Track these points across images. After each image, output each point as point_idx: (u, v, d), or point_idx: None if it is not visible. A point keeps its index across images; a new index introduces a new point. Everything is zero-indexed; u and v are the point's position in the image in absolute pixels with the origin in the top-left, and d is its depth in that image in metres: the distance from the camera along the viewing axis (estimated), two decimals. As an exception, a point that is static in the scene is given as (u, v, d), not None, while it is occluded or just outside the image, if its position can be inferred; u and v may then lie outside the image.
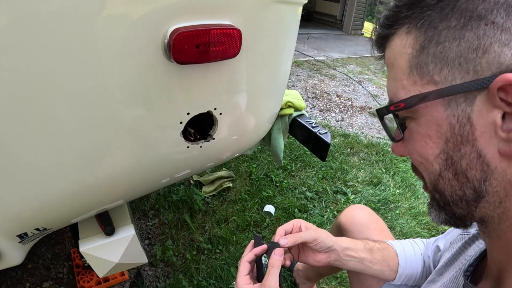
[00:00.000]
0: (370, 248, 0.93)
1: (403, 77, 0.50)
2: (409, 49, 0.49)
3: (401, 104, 0.50)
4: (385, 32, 0.53)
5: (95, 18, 0.62)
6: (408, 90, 0.50)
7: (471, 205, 0.50)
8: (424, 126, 0.50)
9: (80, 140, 0.73)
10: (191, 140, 0.92)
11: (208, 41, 0.71)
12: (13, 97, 0.61)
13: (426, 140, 0.51)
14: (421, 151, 0.52)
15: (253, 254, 0.81)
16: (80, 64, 0.64)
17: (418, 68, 0.48)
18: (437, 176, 0.52)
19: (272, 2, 0.84)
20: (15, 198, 0.76)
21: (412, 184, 2.85)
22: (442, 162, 0.50)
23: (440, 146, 0.49)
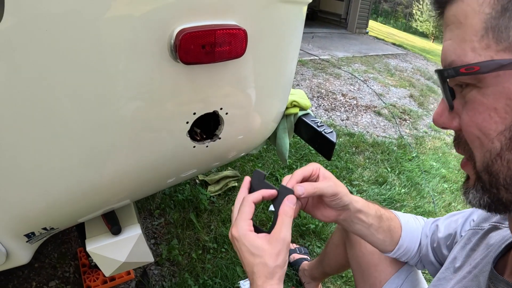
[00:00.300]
0: (380, 216, 0.88)
1: (474, 38, 0.44)
2: (487, 8, 0.42)
3: (476, 68, 0.44)
4: None
5: (101, 20, 0.62)
6: (479, 54, 0.43)
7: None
8: (491, 97, 0.44)
9: (87, 141, 0.74)
10: (198, 140, 0.92)
11: (214, 42, 0.71)
12: (21, 98, 0.62)
13: (491, 113, 0.45)
14: (483, 125, 0.46)
15: (261, 196, 0.72)
16: (88, 65, 0.65)
17: (496, 31, 0.42)
18: (495, 155, 0.46)
19: (277, 2, 0.85)
20: (23, 198, 0.77)
21: (417, 183, 2.85)
22: (505, 141, 0.44)
23: (506, 123, 0.44)
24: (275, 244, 0.66)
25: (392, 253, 0.94)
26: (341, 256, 1.33)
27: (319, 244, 2.00)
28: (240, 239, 0.67)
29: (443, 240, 0.93)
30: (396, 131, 3.86)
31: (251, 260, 0.66)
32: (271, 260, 0.65)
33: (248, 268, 0.67)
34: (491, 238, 0.72)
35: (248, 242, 0.66)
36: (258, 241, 0.66)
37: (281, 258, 0.66)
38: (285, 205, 0.70)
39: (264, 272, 0.65)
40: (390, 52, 8.71)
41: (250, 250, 0.66)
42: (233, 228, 0.69)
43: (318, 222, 2.10)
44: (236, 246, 0.69)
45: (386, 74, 6.27)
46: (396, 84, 5.70)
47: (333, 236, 1.39)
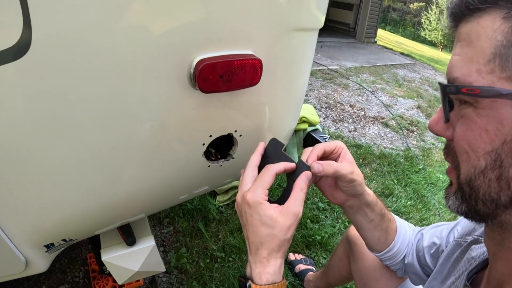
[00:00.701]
0: (383, 215, 0.88)
1: (481, 61, 0.46)
2: (500, 36, 0.44)
3: (476, 91, 0.46)
4: (475, 6, 0.47)
5: (126, 50, 0.66)
6: (482, 77, 0.46)
7: (499, 208, 0.49)
8: (485, 119, 0.47)
9: (107, 160, 0.78)
10: (212, 160, 0.96)
11: (231, 71, 0.74)
12: (46, 118, 0.66)
13: (482, 133, 0.47)
14: (473, 142, 0.49)
15: (284, 168, 0.71)
16: (112, 91, 0.69)
17: (503, 59, 0.44)
18: (479, 172, 0.49)
19: (291, 31, 0.88)
20: (46, 212, 0.80)
21: (423, 195, 2.85)
22: (490, 161, 0.47)
23: (494, 145, 0.46)
24: (288, 217, 0.65)
25: (380, 254, 0.94)
26: (344, 268, 1.35)
27: (325, 255, 2.02)
28: (254, 206, 0.65)
29: (427, 249, 0.94)
30: (403, 142, 3.86)
31: (262, 229, 0.65)
32: (282, 233, 0.64)
33: (255, 238, 0.65)
34: (473, 250, 0.73)
35: (262, 211, 0.64)
36: (271, 212, 0.65)
37: (290, 232, 0.65)
38: (301, 180, 0.69)
39: (272, 244, 0.64)
40: (398, 62, 8.70)
41: (263, 219, 0.64)
42: (249, 193, 0.66)
43: (324, 233, 2.12)
44: (246, 212, 0.67)
45: (394, 84, 6.26)
46: (404, 95, 5.69)
47: (338, 249, 1.41)
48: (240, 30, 0.78)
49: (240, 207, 0.69)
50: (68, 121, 0.68)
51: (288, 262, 1.93)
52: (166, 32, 0.69)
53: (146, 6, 0.64)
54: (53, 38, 0.59)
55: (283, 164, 0.71)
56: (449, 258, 0.81)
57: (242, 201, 0.68)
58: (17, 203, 0.76)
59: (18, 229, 0.81)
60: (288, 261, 1.93)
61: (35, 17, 0.56)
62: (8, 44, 0.57)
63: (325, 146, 0.77)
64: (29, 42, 0.57)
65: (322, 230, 2.17)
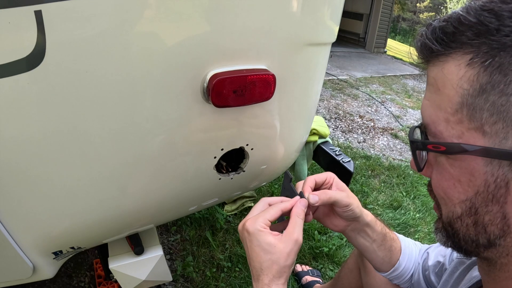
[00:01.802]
0: (384, 234, 0.89)
1: (449, 110, 0.45)
2: (466, 85, 0.42)
3: (442, 148, 0.46)
4: (438, 49, 0.45)
5: (142, 63, 0.67)
6: (451, 127, 0.45)
7: (480, 247, 0.50)
8: (457, 170, 0.47)
9: (119, 172, 0.78)
10: (223, 173, 0.96)
11: (244, 86, 0.74)
12: (59, 130, 0.67)
13: (455, 183, 0.48)
14: (447, 191, 0.50)
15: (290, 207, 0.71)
16: (125, 103, 0.70)
17: (470, 109, 0.42)
18: (456, 217, 0.50)
19: (304, 46, 0.88)
20: (56, 220, 0.81)
21: (432, 208, 2.82)
22: (465, 208, 0.48)
23: (468, 195, 0.47)
24: (288, 243, 0.65)
25: (387, 273, 0.95)
26: (354, 281, 1.33)
27: (332, 267, 2.01)
28: (253, 233, 0.66)
29: (432, 268, 0.94)
30: (412, 154, 3.83)
31: (262, 255, 0.65)
32: (282, 259, 0.64)
33: (256, 264, 0.65)
34: (475, 270, 0.74)
35: (261, 237, 0.65)
36: (270, 238, 0.65)
37: (291, 258, 0.65)
38: (297, 207, 0.70)
39: (273, 270, 0.64)
40: (408, 72, 8.69)
41: (262, 246, 0.65)
42: (249, 221, 0.68)
43: (331, 245, 2.11)
44: (246, 239, 0.67)
45: (403, 95, 6.25)
46: (413, 106, 5.68)
47: (348, 261, 1.40)
48: (254, 45, 0.78)
49: (241, 234, 0.70)
50: (80, 133, 0.69)
51: (295, 273, 1.92)
52: (181, 46, 0.69)
53: (161, 21, 0.65)
54: (67, 49, 0.60)
55: (289, 202, 0.72)
56: (452, 275, 0.81)
57: (242, 227, 0.69)
58: (27, 211, 0.76)
59: (27, 236, 0.81)
60: (295, 272, 1.92)
61: (49, 28, 0.57)
62: (22, 55, 0.57)
63: (315, 178, 0.79)
64: (43, 53, 0.58)
65: (329, 242, 2.15)
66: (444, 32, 0.45)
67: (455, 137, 0.45)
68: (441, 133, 0.47)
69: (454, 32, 0.43)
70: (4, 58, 0.57)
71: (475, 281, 0.71)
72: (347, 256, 2.05)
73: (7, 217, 0.75)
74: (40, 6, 0.55)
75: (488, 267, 0.55)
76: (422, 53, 0.49)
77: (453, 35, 0.44)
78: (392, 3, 11.79)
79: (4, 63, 0.57)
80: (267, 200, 0.75)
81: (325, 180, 0.80)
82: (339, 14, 1.03)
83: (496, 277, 0.54)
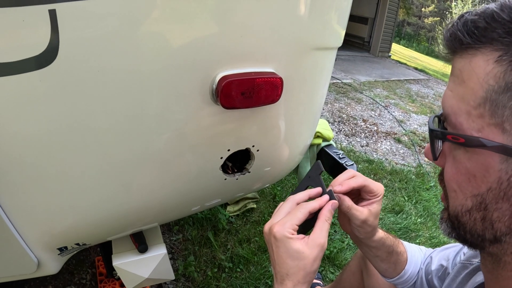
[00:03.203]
0: (391, 252, 0.89)
1: (472, 102, 0.45)
2: (492, 81, 0.42)
3: (461, 139, 0.46)
4: (468, 41, 0.45)
5: (153, 62, 0.68)
6: (472, 120, 0.45)
7: (486, 242, 0.51)
8: (473, 164, 0.47)
9: (126, 171, 0.79)
10: (229, 173, 0.97)
11: (252, 89, 0.75)
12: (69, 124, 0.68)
13: (470, 178, 0.48)
14: (462, 184, 0.50)
15: (319, 206, 0.69)
16: (135, 103, 0.71)
17: (493, 105, 0.43)
18: (465, 210, 0.51)
19: (312, 49, 0.89)
20: (62, 216, 0.82)
21: (434, 213, 2.82)
22: (475, 203, 0.49)
23: (480, 190, 0.47)
24: (314, 249, 0.64)
25: (390, 280, 0.95)
26: (356, 284, 1.33)
27: (332, 270, 2.01)
28: (280, 240, 0.64)
29: (435, 272, 0.94)
30: (415, 159, 3.84)
31: (289, 262, 0.64)
32: (308, 265, 0.63)
33: (282, 270, 0.64)
34: (479, 276, 0.74)
35: (289, 244, 0.63)
36: (298, 245, 0.63)
37: (316, 264, 0.64)
38: (327, 210, 0.69)
39: (299, 276, 0.63)
40: (412, 77, 8.68)
41: (290, 253, 0.63)
42: (277, 226, 0.66)
43: (332, 248, 2.11)
44: (273, 244, 0.66)
45: (407, 100, 6.24)
46: (417, 111, 5.67)
47: (350, 263, 1.39)
48: (262, 48, 0.79)
49: (267, 237, 0.69)
50: (89, 130, 0.70)
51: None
52: (191, 47, 0.70)
53: (173, 23, 0.66)
54: (80, 48, 0.61)
55: (318, 202, 0.70)
56: (454, 279, 0.81)
57: (269, 232, 0.67)
58: (34, 205, 0.77)
59: (33, 230, 0.82)
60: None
61: (63, 27, 0.58)
62: (35, 53, 0.58)
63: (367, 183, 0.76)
64: (56, 52, 0.59)
65: (330, 244, 2.16)
66: (475, 26, 0.44)
67: (474, 130, 0.45)
68: (461, 124, 0.47)
69: (486, 28, 0.43)
70: (18, 56, 0.58)
71: (477, 285, 0.71)
72: (348, 259, 2.05)
73: (13, 212, 0.76)
74: (54, 6, 0.56)
75: (492, 265, 0.56)
76: (451, 43, 0.49)
77: (484, 30, 0.44)
78: (397, 8, 11.80)
79: (17, 60, 0.58)
80: (294, 199, 0.72)
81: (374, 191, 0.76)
82: (346, 19, 1.03)
83: (499, 276, 0.54)
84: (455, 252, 0.93)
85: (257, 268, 1.88)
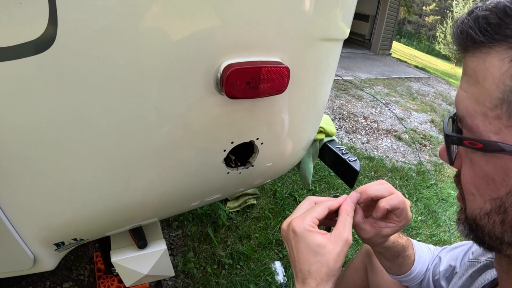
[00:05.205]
0: (397, 256, 0.86)
1: (488, 104, 0.42)
2: (509, 81, 0.40)
3: (478, 145, 0.44)
4: (481, 40, 0.43)
5: (153, 51, 0.65)
6: (489, 122, 0.43)
7: (504, 245, 0.49)
8: (492, 167, 0.45)
9: (126, 164, 0.77)
10: (232, 167, 0.95)
11: (259, 78, 0.73)
12: (66, 115, 0.65)
13: (489, 181, 0.46)
14: (480, 187, 0.48)
15: (338, 205, 0.66)
16: (137, 91, 0.68)
17: (511, 106, 0.40)
18: (484, 213, 0.49)
19: (318, 40, 0.87)
20: (59, 211, 0.79)
21: (434, 211, 2.83)
22: (494, 206, 0.47)
23: (499, 193, 0.45)
24: (338, 244, 0.60)
25: (396, 277, 0.95)
26: (360, 280, 1.32)
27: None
28: (300, 233, 0.61)
29: (443, 273, 0.93)
30: (416, 157, 3.84)
31: (310, 258, 0.60)
32: (332, 261, 0.59)
33: (304, 267, 0.60)
34: (488, 273, 0.72)
35: (310, 238, 0.60)
36: (320, 238, 0.60)
37: (340, 260, 0.60)
38: (347, 203, 0.65)
39: (322, 273, 0.59)
40: (412, 75, 8.69)
41: (311, 247, 0.60)
42: (296, 220, 0.62)
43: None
44: (292, 240, 0.62)
45: (408, 97, 6.25)
46: (417, 109, 5.67)
47: (354, 260, 1.38)
48: (268, 36, 0.76)
49: (285, 234, 0.65)
50: (87, 122, 0.67)
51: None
52: (195, 35, 0.68)
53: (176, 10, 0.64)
54: (79, 33, 0.58)
55: (337, 200, 0.67)
56: (461, 278, 0.80)
57: (288, 227, 0.64)
58: (29, 200, 0.75)
59: (29, 226, 0.80)
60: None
61: (61, 10, 0.55)
62: (31, 37, 0.55)
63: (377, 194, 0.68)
64: (54, 36, 0.56)
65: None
66: (488, 22, 0.42)
67: (492, 132, 0.43)
68: (478, 127, 0.44)
69: (500, 24, 0.41)
70: (13, 40, 0.55)
71: (488, 282, 0.70)
72: (349, 256, 2.03)
73: (8, 206, 0.74)
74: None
75: (508, 265, 0.54)
76: (462, 41, 0.46)
77: (498, 27, 0.41)
78: (398, 6, 11.77)
79: (12, 45, 0.55)
80: (312, 198, 0.69)
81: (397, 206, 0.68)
82: (353, 11, 1.02)
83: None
84: (464, 251, 0.92)
85: (257, 264, 1.87)
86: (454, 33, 0.47)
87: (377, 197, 0.67)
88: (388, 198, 0.66)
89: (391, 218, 0.70)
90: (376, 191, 0.67)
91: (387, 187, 0.68)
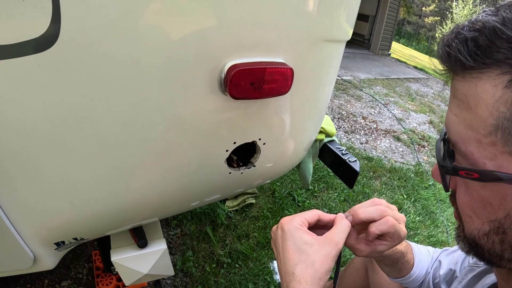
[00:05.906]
0: (396, 263, 0.87)
1: (481, 131, 0.41)
2: (503, 107, 0.38)
3: (475, 175, 0.43)
4: (471, 65, 0.41)
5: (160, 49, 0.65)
6: (484, 148, 0.42)
7: (504, 261, 0.49)
8: (489, 192, 0.44)
9: (127, 164, 0.76)
10: (234, 167, 0.94)
11: (262, 79, 0.73)
12: (68, 114, 0.64)
13: (486, 205, 0.46)
14: (477, 211, 0.47)
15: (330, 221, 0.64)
16: (140, 90, 0.67)
17: (506, 133, 0.39)
18: (483, 234, 0.48)
19: (322, 41, 0.87)
20: (59, 210, 0.79)
21: (432, 212, 2.83)
22: (493, 227, 0.46)
23: (497, 216, 0.45)
24: (326, 245, 0.57)
25: (395, 280, 0.95)
26: (360, 280, 1.32)
27: (333, 268, 1.99)
28: (288, 231, 0.59)
29: (443, 276, 0.94)
30: (414, 157, 3.84)
31: (295, 257, 0.57)
32: (318, 262, 0.56)
33: (288, 267, 0.57)
34: (488, 278, 0.73)
35: (297, 235, 0.58)
36: (308, 237, 0.58)
37: (327, 263, 0.56)
38: (338, 216, 0.63)
39: (306, 275, 0.55)
40: (411, 75, 8.69)
41: (297, 244, 0.58)
42: (286, 218, 0.61)
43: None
44: (279, 238, 0.61)
45: (407, 98, 6.25)
46: (416, 109, 5.68)
47: (355, 260, 1.38)
48: (272, 37, 0.76)
49: (274, 235, 0.64)
50: (88, 120, 0.67)
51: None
52: (199, 35, 0.67)
53: (180, 10, 0.63)
54: (83, 30, 0.58)
55: (328, 216, 0.65)
56: (461, 282, 0.81)
57: (277, 227, 0.63)
58: (29, 200, 0.75)
59: (29, 225, 0.80)
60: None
61: (65, 7, 0.55)
62: (34, 35, 0.55)
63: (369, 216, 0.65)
64: (56, 34, 0.56)
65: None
66: (477, 45, 0.40)
67: (487, 158, 0.42)
68: (472, 154, 0.43)
69: (490, 46, 0.39)
70: (15, 38, 0.54)
71: (487, 287, 0.70)
72: (348, 256, 2.03)
73: (9, 205, 0.73)
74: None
75: (508, 275, 0.54)
76: (450, 64, 0.44)
77: (488, 50, 0.39)
78: (398, 6, 11.76)
79: (14, 43, 0.54)
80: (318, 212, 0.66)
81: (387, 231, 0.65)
82: (355, 13, 1.02)
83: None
84: (464, 255, 0.92)
85: (256, 264, 1.87)
86: (441, 55, 0.45)
87: (368, 220, 0.64)
88: (378, 223, 0.63)
89: (384, 237, 0.67)
90: (368, 213, 0.64)
91: (378, 209, 0.65)
